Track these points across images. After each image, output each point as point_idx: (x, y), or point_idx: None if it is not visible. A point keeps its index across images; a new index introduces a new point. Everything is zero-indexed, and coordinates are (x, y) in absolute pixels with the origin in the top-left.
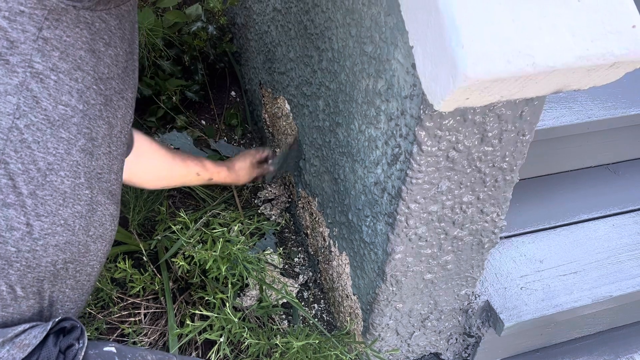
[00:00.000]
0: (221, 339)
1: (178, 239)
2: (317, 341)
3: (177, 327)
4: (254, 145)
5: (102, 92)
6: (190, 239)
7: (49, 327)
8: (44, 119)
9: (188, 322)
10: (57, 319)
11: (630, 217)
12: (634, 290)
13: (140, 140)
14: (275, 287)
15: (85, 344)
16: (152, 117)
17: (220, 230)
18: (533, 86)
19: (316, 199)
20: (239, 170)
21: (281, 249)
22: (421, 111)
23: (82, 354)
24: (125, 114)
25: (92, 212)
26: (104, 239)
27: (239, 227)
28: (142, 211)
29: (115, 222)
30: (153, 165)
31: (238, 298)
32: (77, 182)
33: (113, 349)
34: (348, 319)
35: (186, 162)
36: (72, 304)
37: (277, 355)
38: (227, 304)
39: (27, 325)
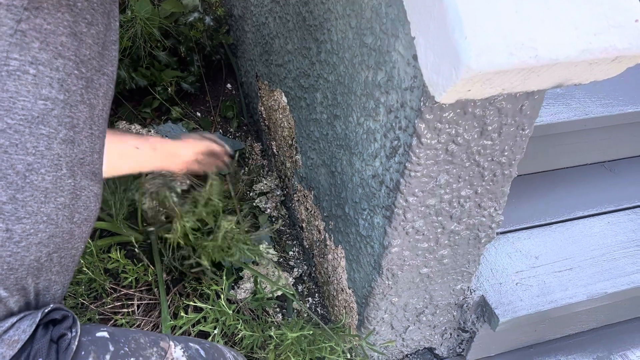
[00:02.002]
0: (215, 331)
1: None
2: (311, 332)
3: (171, 318)
4: (249, 138)
5: (83, 75)
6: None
7: (37, 319)
8: (21, 119)
9: (182, 313)
10: (46, 310)
11: (626, 215)
12: (628, 287)
13: None
14: (270, 279)
15: (79, 333)
16: (147, 108)
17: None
18: (535, 79)
19: (312, 192)
20: (188, 145)
21: (278, 247)
22: (421, 103)
23: (76, 342)
24: (107, 91)
25: (76, 199)
26: (89, 220)
27: (236, 217)
28: (124, 205)
29: (99, 200)
30: None
31: (232, 290)
32: (58, 175)
33: (106, 334)
34: (343, 312)
35: (122, 136)
36: (58, 286)
37: (271, 347)
38: (222, 296)
39: (14, 319)
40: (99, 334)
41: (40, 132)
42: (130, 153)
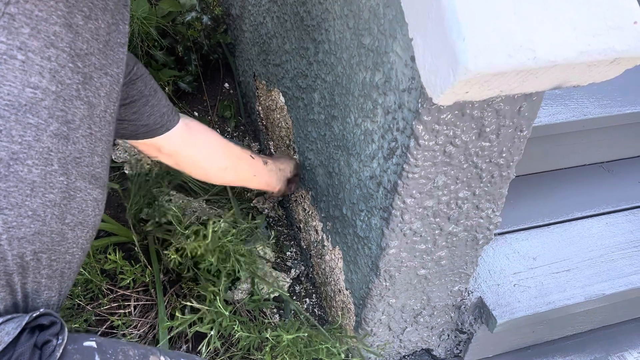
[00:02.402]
0: (212, 332)
1: (170, 231)
2: (306, 334)
3: (168, 319)
4: (247, 138)
5: (79, 70)
6: (185, 231)
7: (24, 322)
8: (7, 105)
9: (178, 314)
10: (34, 314)
11: (624, 216)
12: (626, 288)
13: (187, 117)
14: (267, 280)
15: (65, 340)
16: None
17: (215, 220)
18: (533, 81)
19: (310, 193)
20: (281, 174)
21: (274, 242)
22: (419, 105)
23: (61, 350)
24: (111, 92)
25: (69, 199)
26: (85, 225)
27: (231, 218)
28: (141, 201)
29: (100, 207)
30: (210, 141)
31: (229, 291)
32: (48, 170)
33: (93, 344)
34: (340, 313)
35: (238, 147)
36: (52, 292)
37: (267, 349)
38: (218, 297)
39: (0, 320)
40: (86, 344)
41: (28, 121)
42: (248, 159)
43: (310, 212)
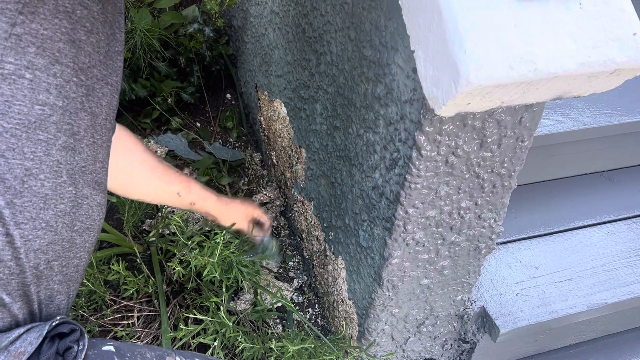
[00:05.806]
0: (215, 343)
1: (173, 241)
2: (312, 345)
3: (171, 330)
4: (249, 148)
5: (83, 83)
6: (187, 242)
7: (44, 332)
8: (18, 124)
9: (182, 325)
10: (54, 323)
11: (625, 225)
12: (628, 297)
13: (124, 137)
14: (270, 290)
15: (86, 346)
16: (146, 118)
17: (219, 232)
18: (534, 92)
19: (312, 203)
20: (231, 210)
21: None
22: (421, 116)
23: (82, 356)
24: (111, 100)
25: (78, 208)
26: (92, 229)
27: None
28: (137, 214)
29: (103, 210)
30: (134, 167)
31: (232, 302)
32: (58, 182)
33: (112, 348)
34: (343, 323)
35: (169, 175)
36: (62, 296)
37: (272, 359)
38: (222, 308)
39: (22, 330)
40: (105, 348)
41: (38, 137)
42: (169, 198)
43: (312, 222)
